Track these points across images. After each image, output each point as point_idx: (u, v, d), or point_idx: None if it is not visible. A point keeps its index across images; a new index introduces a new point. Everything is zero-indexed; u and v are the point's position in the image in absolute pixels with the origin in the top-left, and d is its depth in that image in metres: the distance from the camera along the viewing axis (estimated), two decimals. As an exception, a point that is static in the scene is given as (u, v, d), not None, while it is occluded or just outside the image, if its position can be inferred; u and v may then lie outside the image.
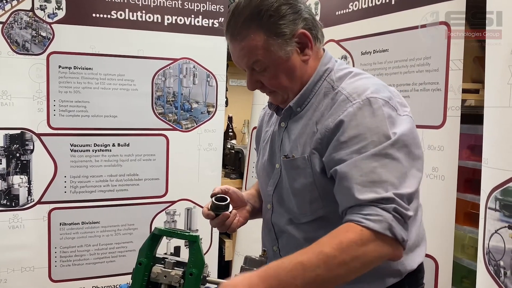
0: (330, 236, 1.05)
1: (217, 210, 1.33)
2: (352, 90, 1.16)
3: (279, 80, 1.22)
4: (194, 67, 2.67)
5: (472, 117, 1.93)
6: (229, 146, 3.36)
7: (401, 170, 1.08)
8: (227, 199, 1.34)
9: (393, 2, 2.07)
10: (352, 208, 1.07)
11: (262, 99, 2.63)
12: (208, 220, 1.37)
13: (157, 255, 1.16)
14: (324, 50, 1.29)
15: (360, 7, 2.27)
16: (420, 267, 1.30)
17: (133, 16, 2.51)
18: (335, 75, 1.24)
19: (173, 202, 2.68)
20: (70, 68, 2.41)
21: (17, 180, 2.36)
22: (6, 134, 2.31)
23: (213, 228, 2.76)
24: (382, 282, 1.22)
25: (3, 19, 2.27)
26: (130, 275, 1.15)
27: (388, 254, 1.06)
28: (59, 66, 2.39)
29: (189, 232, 1.14)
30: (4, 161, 2.33)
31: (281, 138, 1.30)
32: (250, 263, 1.14)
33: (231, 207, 1.35)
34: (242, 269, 1.14)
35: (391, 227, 1.02)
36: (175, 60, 2.62)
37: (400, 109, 1.15)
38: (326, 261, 1.00)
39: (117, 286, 2.57)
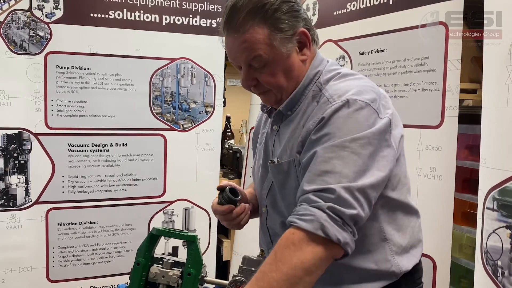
0: (271, 252, 1.01)
1: (230, 203, 1.28)
2: (333, 91, 1.15)
3: (276, 78, 1.20)
4: (192, 67, 2.67)
5: (470, 117, 1.93)
6: (227, 146, 3.35)
7: (360, 165, 1.04)
8: (239, 194, 1.30)
9: (391, 2, 2.07)
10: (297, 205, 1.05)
11: (260, 99, 2.62)
12: (208, 222, 1.35)
13: (155, 255, 1.16)
14: (316, 52, 1.28)
15: (358, 7, 2.27)
16: (417, 267, 1.30)
17: (131, 16, 2.50)
18: (323, 77, 1.23)
19: (171, 202, 2.67)
20: (68, 68, 2.41)
21: (15, 180, 2.35)
22: (3, 134, 2.31)
23: (211, 228, 2.77)
24: (377, 283, 1.22)
25: (1, 18, 2.27)
26: (128, 275, 1.15)
27: (325, 256, 0.99)
28: (57, 66, 2.39)
29: (187, 232, 1.14)
30: (1, 161, 2.32)
31: (273, 141, 1.29)
32: (248, 263, 1.14)
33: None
34: (241, 270, 1.14)
35: (323, 226, 0.98)
36: (173, 60, 2.62)
37: (382, 112, 1.12)
38: (269, 281, 0.96)
39: (115, 286, 2.56)
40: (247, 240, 2.69)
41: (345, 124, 1.07)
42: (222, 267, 3.15)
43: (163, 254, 1.21)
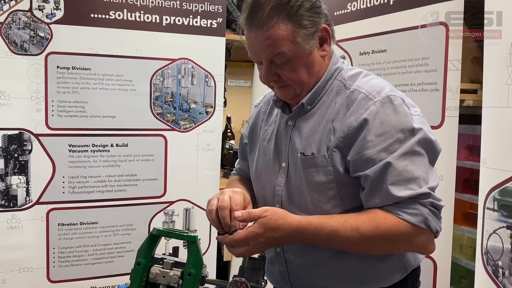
0: (368, 217, 1.13)
1: None
2: (370, 88, 1.19)
3: (298, 74, 1.22)
4: (192, 67, 2.67)
5: (470, 117, 1.94)
6: (228, 147, 3.35)
7: (427, 164, 1.16)
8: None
9: (391, 3, 2.08)
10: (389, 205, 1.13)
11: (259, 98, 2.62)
12: (208, 222, 1.32)
13: (155, 256, 1.16)
14: (333, 50, 1.30)
15: (358, 8, 2.27)
16: (419, 266, 1.33)
17: (131, 17, 2.50)
18: (346, 74, 1.27)
19: (171, 203, 2.67)
20: (68, 68, 2.41)
21: (15, 180, 2.35)
22: (4, 135, 2.31)
23: (212, 229, 2.77)
24: (390, 278, 1.25)
25: (1, 19, 2.27)
26: (129, 276, 1.15)
27: (420, 245, 1.16)
28: (57, 67, 2.39)
29: (187, 233, 1.14)
30: (2, 161, 2.32)
31: (289, 136, 1.29)
32: (249, 264, 1.14)
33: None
34: (241, 270, 1.14)
35: (426, 220, 1.11)
36: (173, 60, 2.62)
37: (411, 109, 1.19)
38: (359, 238, 1.11)
39: (116, 287, 2.56)
40: (248, 240, 2.69)
41: (395, 120, 1.15)
42: (223, 268, 3.16)
43: (164, 254, 1.21)
